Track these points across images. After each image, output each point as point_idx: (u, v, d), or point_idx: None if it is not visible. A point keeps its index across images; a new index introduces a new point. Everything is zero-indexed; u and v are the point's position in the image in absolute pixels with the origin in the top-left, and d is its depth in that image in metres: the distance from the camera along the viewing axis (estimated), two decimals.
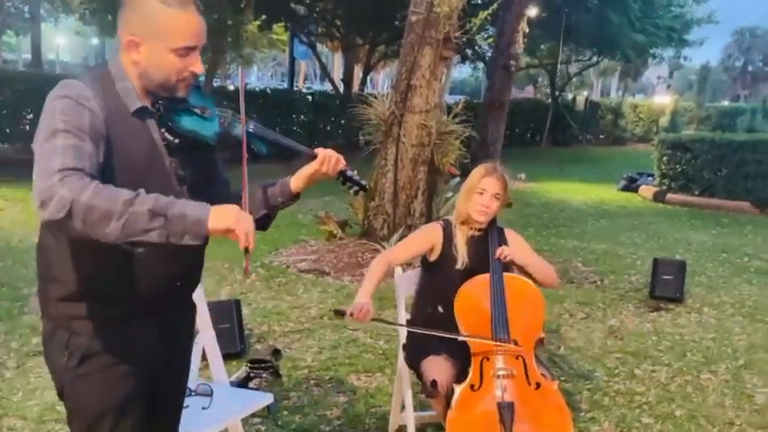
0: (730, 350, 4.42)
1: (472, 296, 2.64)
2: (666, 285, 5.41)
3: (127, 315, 1.67)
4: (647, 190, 11.54)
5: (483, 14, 6.04)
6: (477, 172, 2.78)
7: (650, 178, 12.01)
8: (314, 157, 1.79)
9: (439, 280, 2.79)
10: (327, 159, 1.79)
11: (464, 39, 6.24)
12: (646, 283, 5.72)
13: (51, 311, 1.67)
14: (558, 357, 4.19)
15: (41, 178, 1.35)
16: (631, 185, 12.19)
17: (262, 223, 1.84)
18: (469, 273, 2.71)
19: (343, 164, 1.83)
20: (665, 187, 11.19)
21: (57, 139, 1.41)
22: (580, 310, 5.17)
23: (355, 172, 1.93)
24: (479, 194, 2.72)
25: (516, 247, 2.79)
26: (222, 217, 1.40)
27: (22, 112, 12.74)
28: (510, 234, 2.91)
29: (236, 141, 1.65)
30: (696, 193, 10.72)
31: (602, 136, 24.21)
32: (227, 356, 3.83)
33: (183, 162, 1.66)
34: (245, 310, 4.73)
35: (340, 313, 2.56)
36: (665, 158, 11.26)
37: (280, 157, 1.79)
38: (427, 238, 2.84)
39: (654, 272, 5.48)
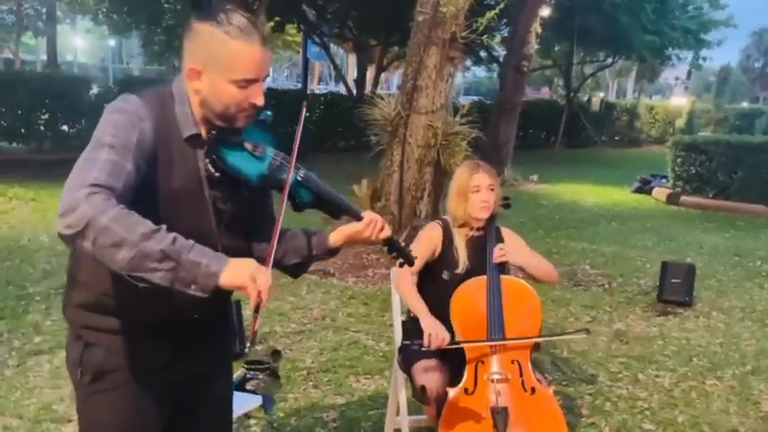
0: (738, 355, 4.34)
1: (468, 297, 2.60)
2: (675, 289, 5.32)
3: (144, 333, 1.61)
4: (660, 192, 11.41)
5: (490, 14, 5.96)
6: (464, 172, 2.74)
7: (664, 180, 11.88)
8: (359, 218, 1.72)
9: (438, 282, 2.74)
10: (373, 224, 1.72)
11: (478, 39, 6.14)
12: (654, 286, 5.63)
13: (69, 315, 1.66)
14: (560, 361, 4.13)
15: (71, 188, 1.32)
16: (645, 187, 12.06)
17: (294, 270, 1.80)
18: (469, 275, 2.67)
19: (387, 232, 1.75)
20: (678, 189, 11.06)
21: (100, 152, 1.40)
22: (586, 313, 5.11)
23: (404, 244, 1.84)
24: (475, 192, 2.68)
25: (512, 246, 2.74)
26: (238, 274, 1.34)
27: (36, 112, 12.87)
28: (507, 233, 2.86)
29: (282, 186, 1.59)
30: (710, 195, 10.59)
31: (617, 137, 23.95)
32: None
33: (225, 196, 1.61)
34: (247, 311, 4.73)
35: (418, 345, 2.44)
36: (678, 160, 11.14)
37: (323, 211, 1.71)
38: (431, 241, 2.77)
39: (662, 275, 5.39)
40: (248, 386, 3.49)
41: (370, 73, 22.16)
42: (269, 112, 1.64)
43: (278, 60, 40.06)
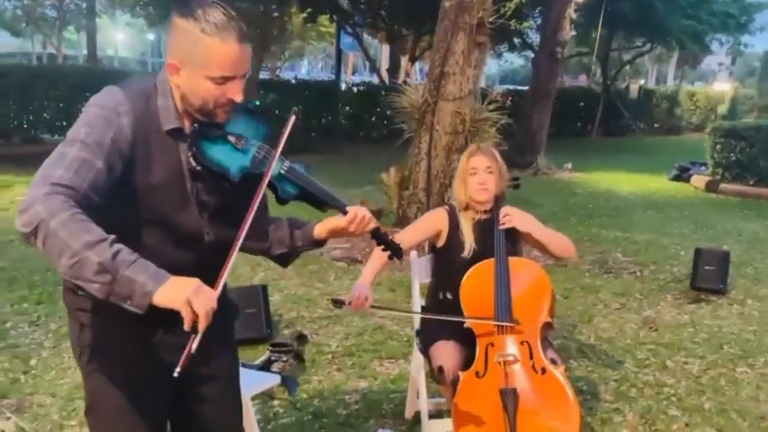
0: None
1: (476, 281, 2.61)
2: (708, 276, 5.22)
3: (131, 315, 1.50)
4: (699, 180, 11.14)
5: None
6: (463, 156, 2.81)
7: (703, 168, 11.59)
8: (345, 212, 1.70)
9: (447, 266, 2.77)
10: (356, 220, 1.70)
11: (508, 25, 6.04)
12: (688, 274, 5.51)
13: (66, 298, 1.70)
14: (586, 347, 4.09)
15: (36, 184, 1.34)
16: (683, 175, 11.79)
17: (281, 259, 1.82)
18: (478, 258, 2.67)
19: (373, 225, 1.74)
20: (718, 177, 10.78)
21: (73, 147, 1.41)
22: (615, 300, 5.04)
23: (391, 237, 1.84)
24: (472, 175, 2.70)
25: (518, 214, 2.73)
26: (173, 296, 1.31)
27: (76, 105, 13.18)
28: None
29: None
30: (751, 182, 10.30)
31: (655, 125, 23.41)
32: (254, 341, 3.92)
33: (208, 188, 1.61)
34: (276, 297, 4.80)
35: (338, 303, 2.51)
36: (718, 147, 10.84)
37: (309, 204, 1.69)
38: (433, 224, 2.82)
39: (695, 262, 5.29)
40: (273, 368, 3.55)
41: (404, 63, 22.07)
42: (257, 102, 1.64)
43: (312, 52, 40.25)
